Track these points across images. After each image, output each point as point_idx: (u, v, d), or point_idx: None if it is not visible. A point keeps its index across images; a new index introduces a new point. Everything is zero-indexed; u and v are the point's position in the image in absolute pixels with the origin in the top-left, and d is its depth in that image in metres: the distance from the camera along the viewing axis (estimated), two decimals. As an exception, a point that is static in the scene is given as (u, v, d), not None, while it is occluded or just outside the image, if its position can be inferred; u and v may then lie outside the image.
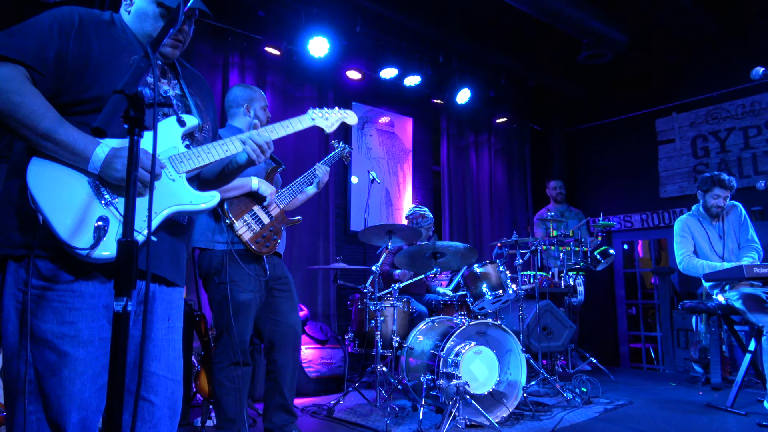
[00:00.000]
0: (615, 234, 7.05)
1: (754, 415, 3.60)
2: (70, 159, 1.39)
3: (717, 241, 4.04)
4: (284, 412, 2.93)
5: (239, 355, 2.73)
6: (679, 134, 6.55)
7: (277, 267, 2.94)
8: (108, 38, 1.54)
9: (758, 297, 3.64)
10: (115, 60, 1.52)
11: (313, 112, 2.02)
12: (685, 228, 4.08)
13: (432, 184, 6.58)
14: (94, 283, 1.42)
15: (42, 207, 1.33)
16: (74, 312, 1.39)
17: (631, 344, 6.86)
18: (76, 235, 1.34)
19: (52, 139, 1.36)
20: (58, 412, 1.37)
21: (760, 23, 5.80)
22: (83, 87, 1.46)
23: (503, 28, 5.94)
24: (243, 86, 3.10)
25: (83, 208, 1.37)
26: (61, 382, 1.36)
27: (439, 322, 3.79)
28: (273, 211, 2.87)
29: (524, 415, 3.59)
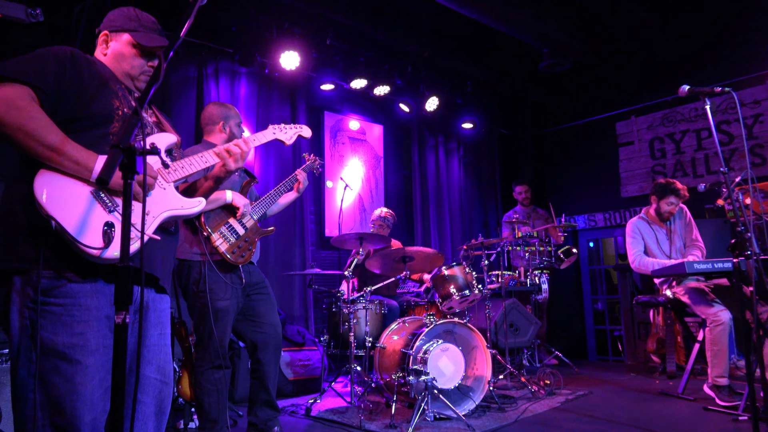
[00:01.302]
0: (580, 233, 7.36)
1: (702, 399, 3.89)
2: (73, 170, 1.55)
3: (664, 242, 4.33)
4: (269, 407, 3.14)
5: (219, 359, 2.91)
6: (638, 137, 6.88)
7: (252, 274, 3.13)
8: (96, 70, 1.74)
9: (701, 290, 3.94)
10: (104, 87, 1.71)
11: (273, 127, 2.30)
12: (636, 230, 4.36)
13: (404, 189, 6.80)
14: (98, 296, 1.59)
15: (53, 213, 1.48)
16: (82, 324, 1.55)
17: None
18: (87, 237, 1.51)
19: (57, 150, 1.52)
20: (73, 415, 1.52)
21: (708, 33, 6.15)
22: (78, 107, 1.65)
23: (468, 38, 6.19)
24: (218, 104, 3.27)
25: (90, 213, 1.54)
26: (75, 387, 1.52)
27: (410, 322, 4.01)
28: (248, 223, 3.05)
29: (490, 407, 3.83)
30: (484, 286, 4.41)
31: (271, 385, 3.14)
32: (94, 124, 1.67)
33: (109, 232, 1.54)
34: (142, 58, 1.85)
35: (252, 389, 3.16)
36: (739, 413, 3.45)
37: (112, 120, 1.71)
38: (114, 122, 1.72)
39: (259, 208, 3.15)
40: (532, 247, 5.52)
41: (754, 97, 5.98)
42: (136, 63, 1.84)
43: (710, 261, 3.58)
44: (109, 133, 1.70)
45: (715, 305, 3.84)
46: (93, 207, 1.57)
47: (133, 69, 1.84)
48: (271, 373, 3.16)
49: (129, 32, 1.83)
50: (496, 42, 5.96)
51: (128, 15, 1.86)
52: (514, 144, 7.80)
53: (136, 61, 1.84)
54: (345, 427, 3.53)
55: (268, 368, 3.14)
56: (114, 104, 1.72)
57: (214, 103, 3.30)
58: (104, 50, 1.86)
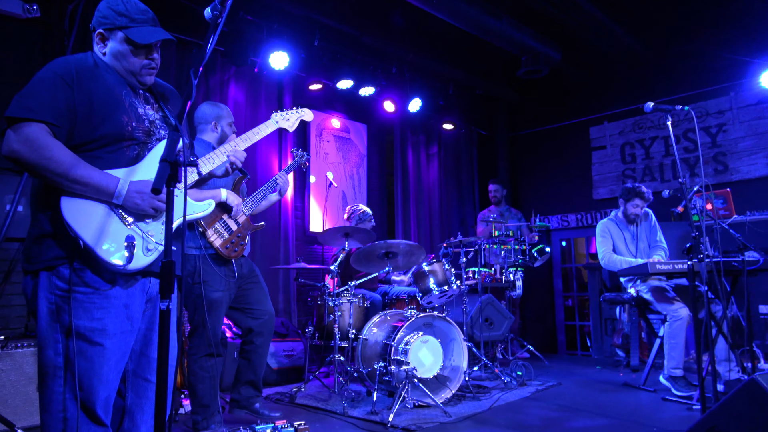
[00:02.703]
0: (554, 232, 7.66)
1: (662, 390, 4.19)
2: (95, 195, 1.72)
3: (631, 242, 4.62)
4: (252, 387, 3.36)
5: (212, 347, 3.09)
6: (609, 141, 7.19)
7: (244, 266, 3.34)
8: (101, 80, 1.82)
9: (663, 289, 4.24)
10: (111, 103, 1.81)
11: (276, 115, 2.41)
12: (605, 230, 4.64)
13: (386, 187, 7.00)
14: (117, 287, 1.77)
15: (82, 236, 1.66)
16: (102, 311, 1.73)
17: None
18: (113, 255, 1.69)
19: (81, 182, 1.68)
20: (89, 391, 1.70)
21: (676, 46, 6.47)
22: (91, 128, 1.76)
23: (451, 43, 6.40)
24: (211, 104, 3.42)
25: (112, 230, 1.72)
26: (93, 366, 1.71)
27: (391, 315, 4.22)
28: (240, 219, 3.23)
29: (466, 396, 4.07)
30: (462, 282, 4.64)
31: (259, 367, 3.37)
32: (107, 143, 1.79)
33: (131, 246, 1.72)
34: (141, 52, 1.86)
35: (239, 368, 3.38)
36: (693, 403, 3.75)
37: (122, 137, 1.81)
38: (125, 138, 1.82)
39: (250, 204, 3.33)
40: (508, 246, 5.78)
41: (719, 108, 6.33)
42: (136, 60, 1.87)
43: (671, 262, 3.87)
44: (121, 149, 1.82)
45: (675, 302, 4.14)
46: (114, 223, 1.74)
47: (133, 66, 1.87)
48: (262, 356, 3.40)
49: (122, 29, 1.83)
50: (476, 47, 6.19)
51: (116, 10, 1.84)
52: (492, 145, 8.06)
53: (136, 58, 1.87)
54: (329, 414, 3.72)
55: (260, 351, 3.37)
56: (123, 120, 1.81)
57: (207, 102, 3.45)
58: (102, 49, 1.88)
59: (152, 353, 1.93)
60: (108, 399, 1.77)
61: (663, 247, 4.59)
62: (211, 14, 1.81)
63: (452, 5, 5.05)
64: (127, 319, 1.81)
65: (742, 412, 1.87)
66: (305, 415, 3.73)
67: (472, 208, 7.83)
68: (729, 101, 6.24)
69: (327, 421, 3.56)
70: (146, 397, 1.94)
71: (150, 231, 1.82)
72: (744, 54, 5.92)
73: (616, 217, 4.71)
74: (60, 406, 1.72)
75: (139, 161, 1.85)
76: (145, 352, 1.92)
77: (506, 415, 3.66)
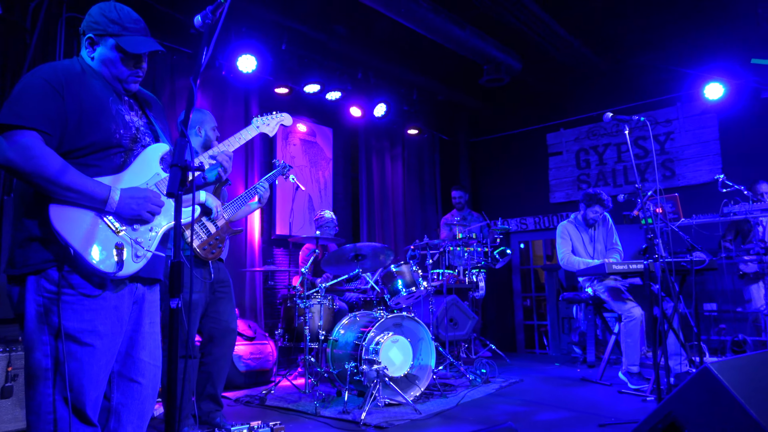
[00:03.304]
0: (513, 234, 7.91)
1: (618, 384, 4.43)
2: (86, 202, 1.73)
3: (589, 244, 4.86)
4: (212, 401, 3.33)
5: (188, 348, 3.09)
6: (565, 147, 7.50)
7: (221, 271, 3.34)
8: (89, 87, 1.84)
9: (618, 289, 4.48)
10: (101, 105, 1.83)
11: (258, 120, 2.43)
12: (565, 232, 4.86)
13: (351, 190, 7.08)
14: (107, 291, 1.79)
15: (72, 243, 1.68)
16: (92, 312, 1.75)
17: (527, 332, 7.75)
18: (103, 262, 1.71)
19: (73, 189, 1.70)
20: (79, 392, 1.72)
21: (628, 58, 6.82)
22: (80, 136, 1.78)
23: (415, 50, 6.55)
24: (194, 109, 3.44)
25: (102, 238, 1.74)
26: (82, 366, 1.72)
27: (361, 316, 4.30)
28: (219, 222, 3.25)
29: (433, 394, 4.19)
30: (428, 284, 4.77)
31: (218, 380, 3.34)
32: (95, 150, 1.81)
33: (120, 253, 1.75)
34: (129, 62, 1.89)
35: (199, 382, 3.32)
36: (647, 395, 3.99)
37: (110, 145, 1.83)
38: (113, 146, 1.84)
39: (230, 208, 3.35)
40: (470, 248, 5.96)
41: (667, 117, 6.71)
42: (124, 68, 1.89)
43: (626, 263, 4.10)
44: (109, 156, 1.84)
45: (629, 302, 4.38)
46: (103, 230, 1.76)
47: (121, 73, 1.89)
48: (222, 368, 3.36)
49: (113, 37, 1.85)
50: (440, 55, 6.35)
51: (109, 17, 1.86)
52: (454, 150, 8.27)
53: (124, 66, 1.89)
54: (301, 414, 3.77)
55: (219, 363, 3.33)
56: (111, 128, 1.84)
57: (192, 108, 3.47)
58: (91, 54, 1.90)
59: (138, 354, 1.95)
60: (98, 399, 1.80)
61: (618, 249, 4.85)
62: (202, 22, 1.85)
63: (419, 14, 5.18)
64: (117, 321, 1.83)
65: (696, 399, 2.04)
66: (277, 416, 3.75)
67: (435, 212, 8.00)
68: (676, 111, 6.63)
69: (299, 422, 3.61)
70: (132, 397, 1.96)
71: (139, 238, 1.84)
72: (690, 67, 6.31)
73: (575, 219, 4.94)
74: (49, 408, 1.73)
75: (125, 168, 1.87)
76: (130, 353, 1.94)
77: (474, 411, 3.80)
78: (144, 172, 1.91)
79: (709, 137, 6.39)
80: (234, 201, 3.41)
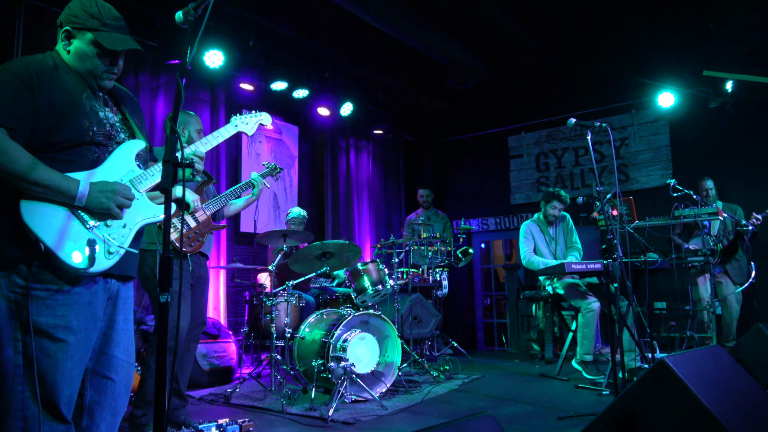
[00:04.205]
0: (475, 235, 8.08)
1: (575, 379, 4.60)
2: (56, 198, 1.70)
3: (550, 243, 5.03)
4: (177, 396, 3.31)
5: (170, 341, 3.07)
6: (526, 150, 7.71)
7: (201, 267, 3.35)
8: (61, 83, 1.81)
9: (577, 285, 4.66)
10: (73, 107, 1.80)
11: (236, 119, 2.39)
12: (528, 231, 5.00)
13: (316, 189, 7.09)
14: (80, 286, 1.77)
15: (43, 239, 1.66)
16: (65, 307, 1.73)
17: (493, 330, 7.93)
18: (75, 258, 1.69)
19: (41, 184, 1.67)
20: (53, 389, 1.70)
21: (588, 66, 7.07)
22: (51, 133, 1.75)
23: (383, 50, 6.61)
24: (181, 111, 3.43)
25: (73, 233, 1.72)
26: (56, 362, 1.70)
27: (327, 314, 4.33)
28: (200, 217, 3.24)
29: (399, 390, 4.26)
30: (394, 282, 4.84)
31: (182, 375, 3.33)
32: (67, 147, 1.78)
33: (92, 250, 1.73)
34: (106, 58, 1.87)
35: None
36: (602, 389, 4.17)
37: (83, 141, 1.81)
38: (86, 142, 1.81)
39: (213, 205, 3.34)
40: (434, 247, 6.06)
41: (622, 123, 6.98)
42: (100, 63, 1.87)
43: (585, 262, 4.27)
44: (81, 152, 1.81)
45: (588, 297, 4.57)
46: (75, 226, 1.74)
47: (96, 69, 1.87)
48: (186, 364, 3.36)
49: (92, 31, 1.82)
50: (407, 57, 6.44)
51: (90, 11, 1.83)
52: (419, 151, 8.37)
53: (100, 61, 1.86)
54: (267, 412, 3.77)
55: (184, 358, 3.32)
56: (84, 125, 1.81)
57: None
58: (67, 47, 1.86)
59: (112, 351, 1.93)
60: (72, 396, 1.77)
61: (578, 248, 5.04)
62: (184, 19, 1.85)
63: (388, 15, 5.25)
64: (91, 316, 1.81)
65: (653, 392, 2.17)
66: (242, 414, 3.73)
67: (399, 211, 8.09)
68: (631, 118, 6.91)
69: (266, 419, 3.61)
70: (106, 394, 1.94)
71: (112, 234, 1.82)
72: (645, 76, 6.58)
73: (537, 218, 5.10)
74: (20, 405, 1.70)
75: (99, 164, 1.85)
76: (104, 350, 1.92)
77: (438, 406, 3.89)
78: (119, 168, 1.90)
79: (662, 143, 6.69)
80: (218, 198, 3.39)
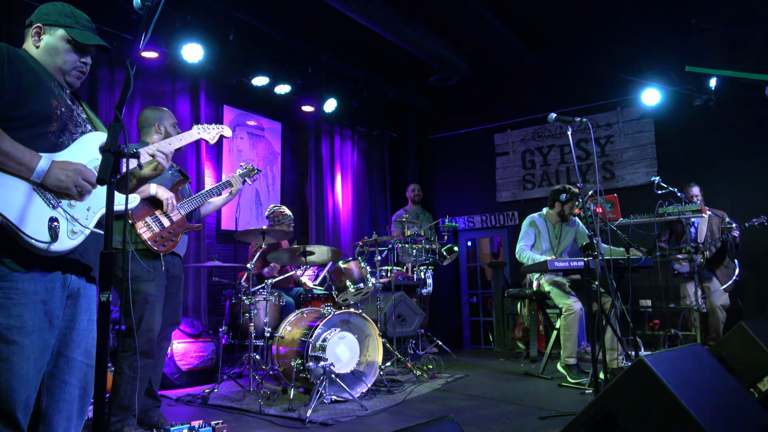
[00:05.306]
0: (461, 232, 8.03)
1: (558, 378, 4.56)
2: (15, 169, 1.64)
3: (554, 241, 4.90)
4: (149, 397, 3.26)
5: (145, 344, 2.99)
6: (512, 148, 7.66)
7: (176, 267, 3.29)
8: (29, 68, 1.80)
9: (562, 283, 4.61)
10: (41, 85, 1.78)
11: (197, 128, 2.58)
12: (533, 225, 4.88)
13: (299, 186, 7.00)
14: (35, 282, 1.68)
15: (4, 212, 1.57)
16: (19, 306, 1.64)
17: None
18: (36, 233, 1.62)
19: (2, 152, 1.60)
20: (7, 393, 1.60)
21: (572, 64, 7.04)
22: (15, 106, 1.71)
23: (366, 46, 6.54)
24: (153, 108, 3.45)
25: (35, 210, 1.64)
26: (11, 366, 1.61)
27: (308, 312, 4.26)
28: (174, 217, 3.16)
29: (380, 390, 4.19)
30: (376, 280, 4.77)
31: (154, 375, 3.28)
32: (32, 123, 1.74)
33: (55, 227, 1.66)
34: (76, 54, 1.89)
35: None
36: (586, 388, 4.13)
37: (50, 119, 1.77)
38: (52, 121, 1.78)
39: (188, 204, 3.27)
40: (419, 245, 6.00)
41: (607, 121, 6.96)
42: (70, 59, 1.88)
43: (568, 260, 4.22)
44: (47, 132, 1.77)
45: (570, 297, 4.52)
46: (37, 203, 1.67)
47: (65, 64, 1.88)
48: (158, 364, 3.32)
49: (64, 27, 1.86)
50: (391, 54, 6.37)
51: (63, 11, 1.89)
52: (403, 148, 8.31)
53: (70, 57, 1.88)
54: (244, 413, 3.69)
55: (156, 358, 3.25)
56: (52, 104, 1.79)
57: (149, 107, 3.51)
58: (36, 42, 1.87)
59: (71, 353, 1.85)
60: (29, 400, 1.68)
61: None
62: (141, 5, 1.79)
63: (370, 10, 5.17)
64: (45, 315, 1.73)
65: (631, 390, 2.12)
66: (219, 415, 3.66)
67: (384, 208, 8.02)
68: (616, 115, 6.88)
69: (242, 420, 3.53)
70: (63, 399, 1.85)
71: (76, 214, 1.78)
72: (629, 73, 6.56)
73: (545, 214, 4.96)
74: None
75: (63, 149, 1.81)
76: (63, 352, 1.84)
77: (419, 406, 3.83)
78: (82, 155, 1.86)
79: (646, 141, 6.68)
80: (194, 197, 3.34)
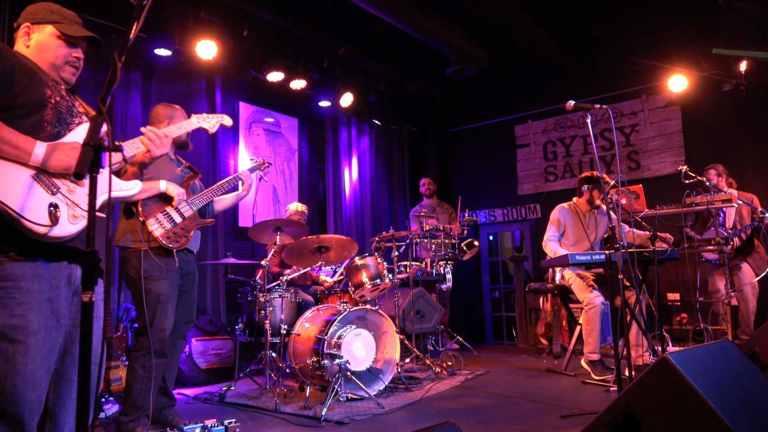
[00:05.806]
0: (481, 226, 7.90)
1: (582, 375, 4.43)
2: (12, 154, 1.63)
3: (586, 230, 4.73)
4: (164, 395, 3.23)
5: (158, 344, 2.97)
6: (533, 140, 7.50)
7: (189, 264, 3.25)
8: (23, 64, 1.80)
9: (585, 276, 4.47)
10: (34, 77, 1.79)
11: (196, 117, 2.60)
12: (562, 214, 4.71)
13: (318, 181, 6.96)
14: (39, 280, 1.66)
15: (3, 200, 1.55)
16: (23, 306, 1.62)
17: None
18: (34, 216, 1.60)
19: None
20: (13, 394, 1.58)
21: (594, 51, 6.85)
22: (9, 97, 1.71)
23: (382, 39, 6.45)
24: (166, 105, 3.42)
25: (34, 195, 1.64)
26: (15, 366, 1.59)
27: (324, 309, 4.20)
28: (186, 213, 3.14)
29: (398, 388, 4.12)
30: (393, 276, 4.70)
31: (169, 374, 3.25)
32: (27, 112, 1.74)
33: (55, 212, 1.64)
34: (67, 48, 1.91)
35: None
36: (610, 385, 3.99)
37: (45, 108, 1.78)
38: (47, 110, 1.78)
39: (199, 200, 3.24)
40: (438, 240, 5.90)
41: (632, 109, 6.75)
42: (61, 53, 1.89)
43: (590, 253, 4.07)
44: (43, 121, 1.77)
45: (593, 291, 4.37)
46: (36, 189, 1.66)
47: (57, 59, 1.89)
48: (172, 362, 3.28)
49: (52, 24, 1.89)
50: (408, 46, 6.28)
51: (49, 8, 1.92)
52: (423, 142, 8.20)
53: (61, 51, 1.89)
54: (261, 411, 3.66)
55: (169, 357, 3.23)
56: (46, 93, 1.80)
57: (162, 104, 3.48)
58: (26, 42, 1.89)
59: (77, 351, 1.83)
60: (39, 399, 1.67)
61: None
62: None
63: (385, 0, 5.08)
64: (52, 314, 1.71)
65: (655, 389, 2.01)
66: (235, 413, 3.64)
67: (403, 204, 7.93)
68: (641, 103, 6.67)
69: (258, 419, 3.50)
70: (70, 398, 1.84)
71: (76, 200, 1.77)
72: (654, 59, 6.34)
73: (574, 204, 4.80)
74: None
75: (60, 138, 1.81)
76: (69, 350, 1.83)
77: (437, 404, 3.74)
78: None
79: (673, 129, 6.46)
80: (205, 192, 3.30)
